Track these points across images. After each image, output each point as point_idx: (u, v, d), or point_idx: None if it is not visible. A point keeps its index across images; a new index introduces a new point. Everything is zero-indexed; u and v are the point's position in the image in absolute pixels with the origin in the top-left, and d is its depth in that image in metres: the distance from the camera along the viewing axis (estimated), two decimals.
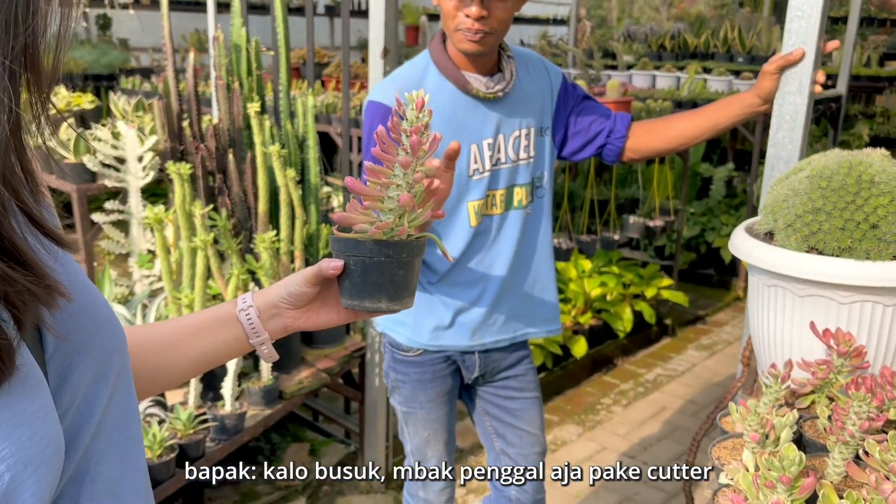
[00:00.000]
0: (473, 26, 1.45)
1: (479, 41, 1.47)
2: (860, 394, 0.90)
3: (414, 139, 0.77)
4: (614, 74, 5.78)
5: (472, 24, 1.45)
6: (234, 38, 2.44)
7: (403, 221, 0.79)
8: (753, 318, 1.34)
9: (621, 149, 1.68)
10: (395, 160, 0.79)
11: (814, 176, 1.21)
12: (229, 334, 0.86)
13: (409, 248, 0.79)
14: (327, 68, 5.16)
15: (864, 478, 0.85)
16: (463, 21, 1.46)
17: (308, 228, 2.38)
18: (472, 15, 1.44)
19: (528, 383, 1.78)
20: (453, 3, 1.47)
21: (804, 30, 1.45)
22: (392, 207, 0.79)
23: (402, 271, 0.80)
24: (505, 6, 1.46)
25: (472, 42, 1.48)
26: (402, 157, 0.78)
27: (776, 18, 7.76)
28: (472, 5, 1.44)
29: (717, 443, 1.06)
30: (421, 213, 0.81)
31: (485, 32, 1.47)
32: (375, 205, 0.80)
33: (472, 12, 1.44)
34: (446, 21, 1.50)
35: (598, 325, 3.77)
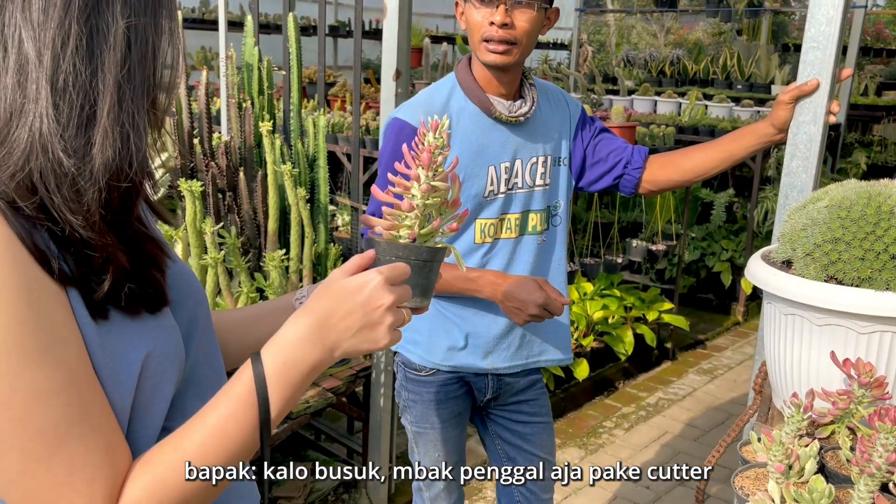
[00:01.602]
0: (497, 34, 1.47)
1: (503, 52, 1.50)
2: (887, 426, 0.90)
3: (425, 156, 0.86)
4: (616, 99, 5.83)
5: (497, 32, 1.47)
6: (246, 56, 2.46)
7: (414, 228, 0.86)
8: (769, 346, 1.34)
9: (638, 180, 1.70)
10: (410, 173, 0.88)
11: (833, 206, 1.22)
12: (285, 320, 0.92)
13: (417, 252, 0.85)
14: (332, 88, 5.19)
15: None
16: (487, 30, 1.49)
17: (317, 248, 2.38)
18: (497, 21, 1.47)
19: (541, 408, 1.78)
20: (479, 14, 1.50)
21: (819, 61, 1.47)
22: (407, 215, 0.87)
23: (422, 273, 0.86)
24: (528, 16, 1.49)
25: (496, 53, 1.50)
26: (415, 171, 0.87)
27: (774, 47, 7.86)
28: (497, 13, 1.47)
29: (740, 472, 1.06)
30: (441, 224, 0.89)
31: (509, 43, 1.49)
32: (394, 212, 0.88)
33: (496, 19, 1.47)
34: (473, 33, 1.53)
35: (600, 348, 3.76)
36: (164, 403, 0.76)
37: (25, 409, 0.63)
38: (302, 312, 0.77)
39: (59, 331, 0.65)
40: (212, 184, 2.27)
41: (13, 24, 0.63)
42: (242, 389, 0.73)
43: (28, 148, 0.64)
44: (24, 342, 0.63)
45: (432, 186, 0.86)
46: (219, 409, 0.73)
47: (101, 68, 0.65)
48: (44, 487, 0.65)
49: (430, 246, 0.87)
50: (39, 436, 0.64)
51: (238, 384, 0.74)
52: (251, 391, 0.73)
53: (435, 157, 0.87)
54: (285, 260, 2.20)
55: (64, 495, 0.66)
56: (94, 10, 0.64)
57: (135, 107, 0.67)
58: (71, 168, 0.64)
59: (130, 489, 0.70)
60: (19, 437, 0.64)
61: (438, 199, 0.87)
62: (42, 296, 0.64)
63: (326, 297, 0.77)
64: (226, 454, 0.72)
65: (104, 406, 0.69)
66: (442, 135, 0.87)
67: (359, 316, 0.76)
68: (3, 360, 0.62)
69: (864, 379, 1.09)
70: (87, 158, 0.65)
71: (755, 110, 5.29)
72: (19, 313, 0.63)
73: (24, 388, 0.63)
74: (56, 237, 0.66)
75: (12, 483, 0.65)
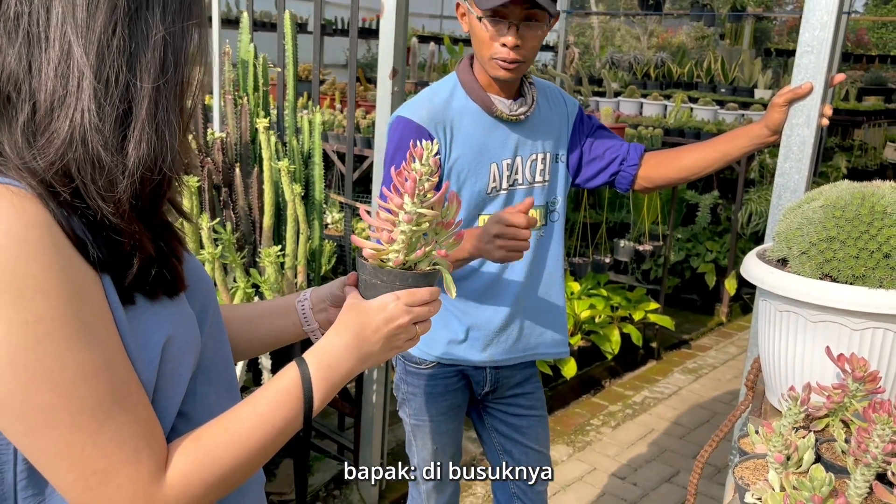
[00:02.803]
0: (509, 55, 1.50)
1: (512, 70, 1.53)
2: (883, 417, 0.93)
3: (409, 185, 0.88)
4: (602, 101, 5.88)
5: (508, 54, 1.50)
6: (241, 53, 2.46)
7: (399, 255, 0.89)
8: (763, 343, 1.37)
9: (634, 177, 1.73)
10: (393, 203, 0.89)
11: (828, 206, 1.25)
12: (288, 320, 1.05)
13: (402, 278, 0.89)
14: (322, 86, 5.19)
15: (891, 499, 0.88)
16: (498, 50, 1.51)
17: (311, 244, 2.39)
18: (509, 44, 1.49)
19: (536, 401, 1.81)
20: (489, 34, 1.51)
21: (813, 64, 1.51)
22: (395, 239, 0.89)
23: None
24: (536, 35, 1.52)
25: (505, 70, 1.53)
26: (397, 200, 0.89)
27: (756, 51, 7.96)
28: (509, 35, 1.49)
29: (740, 463, 1.09)
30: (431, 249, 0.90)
31: (518, 61, 1.51)
32: (380, 235, 0.90)
33: (508, 41, 1.49)
34: (480, 48, 1.55)
35: (587, 347, 3.80)
36: (182, 388, 0.80)
37: (74, 384, 0.67)
38: (341, 326, 0.88)
39: (98, 312, 0.69)
40: (207, 179, 2.27)
41: (58, 19, 0.66)
42: (289, 384, 0.82)
43: (68, 138, 0.67)
44: (71, 322, 0.67)
45: (419, 213, 0.87)
46: (267, 398, 0.82)
47: (140, 70, 0.69)
48: (92, 458, 0.69)
49: (417, 272, 0.90)
50: (88, 409, 0.68)
51: (284, 379, 0.83)
52: (297, 386, 0.82)
53: (421, 184, 0.87)
54: (281, 256, 2.20)
55: (112, 465, 0.70)
56: (135, 15, 0.69)
57: (169, 108, 0.71)
58: (108, 161, 0.68)
59: (179, 460, 0.75)
60: (69, 411, 0.67)
61: (427, 224, 0.89)
62: (82, 279, 0.68)
63: (357, 313, 0.88)
64: (268, 439, 0.80)
65: (139, 387, 0.74)
66: (429, 161, 0.88)
67: (384, 332, 0.88)
68: (53, 339, 0.66)
69: (858, 374, 1.13)
70: (122, 153, 0.69)
71: (739, 113, 5.36)
72: (65, 295, 0.66)
73: (72, 365, 0.67)
74: (88, 223, 0.69)
75: (60, 455, 0.68)
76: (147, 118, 0.69)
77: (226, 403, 0.88)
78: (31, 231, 0.65)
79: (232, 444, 0.77)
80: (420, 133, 1.55)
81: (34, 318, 0.65)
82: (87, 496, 0.70)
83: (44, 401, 0.66)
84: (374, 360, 0.89)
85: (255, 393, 0.83)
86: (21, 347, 0.64)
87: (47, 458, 0.68)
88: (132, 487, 0.71)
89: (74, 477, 0.69)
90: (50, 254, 0.65)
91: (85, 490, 0.69)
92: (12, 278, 0.63)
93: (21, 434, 0.67)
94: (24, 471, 0.72)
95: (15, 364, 0.65)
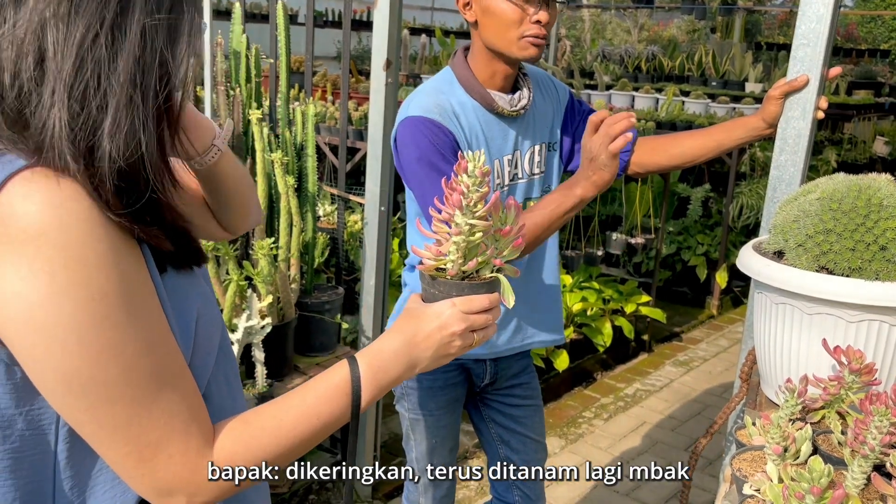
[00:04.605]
0: (542, 32, 1.48)
1: (540, 46, 1.50)
2: (881, 409, 0.94)
3: (455, 198, 0.87)
4: (594, 94, 5.88)
5: (541, 30, 1.47)
6: (233, 44, 2.44)
7: (454, 266, 0.89)
8: (759, 335, 1.38)
9: (626, 162, 1.72)
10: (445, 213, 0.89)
11: (824, 198, 1.25)
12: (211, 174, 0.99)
13: (458, 288, 0.89)
14: (314, 78, 5.16)
15: (889, 490, 0.88)
16: (531, 27, 1.47)
17: (304, 236, 2.38)
18: (544, 20, 1.47)
19: (532, 391, 1.82)
20: (520, 12, 1.46)
21: (809, 57, 1.51)
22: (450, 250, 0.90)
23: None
24: (555, 13, 1.51)
25: (537, 48, 1.49)
26: (445, 213, 0.89)
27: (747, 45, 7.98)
28: (542, 11, 1.46)
29: (737, 455, 1.09)
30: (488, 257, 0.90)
31: (545, 38, 1.50)
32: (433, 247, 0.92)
33: (542, 17, 1.46)
34: (507, 30, 1.48)
35: (579, 339, 3.81)
36: (210, 367, 0.83)
37: (135, 358, 0.70)
38: (395, 330, 0.89)
39: (148, 288, 0.72)
40: None
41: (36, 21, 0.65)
42: (339, 381, 0.84)
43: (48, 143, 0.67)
44: (130, 299, 0.69)
45: (471, 225, 0.87)
46: (317, 392, 0.84)
47: (112, 72, 0.67)
48: (147, 431, 0.72)
49: (475, 281, 0.90)
50: (146, 383, 0.71)
51: (335, 375, 0.85)
52: (346, 384, 0.84)
53: (468, 196, 0.87)
54: (274, 248, 2.19)
55: (164, 437, 0.72)
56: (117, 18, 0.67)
57: (145, 107, 0.69)
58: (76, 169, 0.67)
59: (227, 439, 0.78)
60: (129, 386, 0.70)
61: (481, 234, 0.88)
62: (132, 254, 0.71)
63: (411, 319, 0.89)
64: (312, 431, 0.83)
65: (184, 363, 0.76)
66: (475, 172, 0.86)
67: (436, 339, 0.88)
68: (116, 315, 0.68)
69: (855, 365, 1.13)
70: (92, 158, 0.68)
71: (731, 107, 5.37)
72: (122, 271, 0.69)
73: (133, 340, 0.69)
74: None
75: (118, 428, 0.70)
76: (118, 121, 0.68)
77: (232, 383, 0.91)
78: (92, 210, 0.66)
79: (278, 432, 0.80)
80: (437, 127, 1.49)
81: (99, 294, 0.66)
82: (140, 467, 0.72)
83: (108, 376, 0.68)
84: (425, 365, 0.90)
85: (305, 385, 0.85)
86: (89, 325, 0.66)
87: (105, 431, 0.70)
88: (182, 458, 0.73)
89: (129, 449, 0.71)
90: (105, 231, 0.67)
91: (139, 462, 0.72)
92: (80, 257, 0.65)
93: (82, 409, 0.69)
94: (66, 450, 0.74)
95: (83, 341, 0.66)
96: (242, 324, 2.02)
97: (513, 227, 0.93)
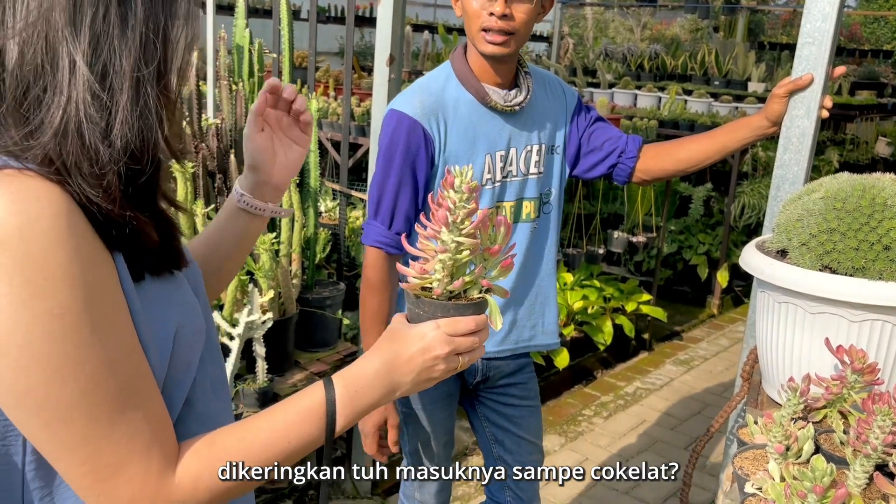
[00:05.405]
0: (497, 25, 1.47)
1: (502, 43, 1.50)
2: (884, 408, 0.94)
3: (441, 214, 0.83)
4: (596, 92, 5.87)
5: (496, 23, 1.47)
6: (236, 39, 2.44)
7: (440, 285, 0.85)
8: (761, 334, 1.37)
9: (632, 169, 1.72)
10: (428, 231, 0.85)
11: (828, 197, 1.25)
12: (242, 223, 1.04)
13: (443, 309, 0.84)
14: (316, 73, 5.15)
15: (892, 490, 0.88)
16: (487, 20, 1.48)
17: (306, 232, 2.38)
18: (497, 12, 1.47)
19: (529, 391, 1.81)
20: (478, 3, 1.49)
21: (814, 56, 1.51)
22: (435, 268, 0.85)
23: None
24: (526, 8, 1.49)
25: (494, 44, 1.50)
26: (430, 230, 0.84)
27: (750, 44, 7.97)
28: (497, 4, 1.47)
29: (739, 453, 1.09)
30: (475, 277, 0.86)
31: (507, 33, 1.49)
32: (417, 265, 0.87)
33: (496, 10, 1.47)
34: (471, 23, 1.52)
35: (580, 337, 3.81)
36: (191, 376, 0.80)
37: (95, 377, 0.66)
38: (375, 352, 0.84)
39: (116, 301, 0.69)
40: (202, 166, 2.25)
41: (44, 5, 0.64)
42: (312, 405, 0.80)
43: (62, 129, 0.65)
44: (93, 313, 0.66)
45: (457, 243, 0.83)
46: (287, 414, 0.79)
47: (123, 55, 0.66)
48: (106, 452, 0.68)
49: (461, 302, 0.85)
50: (105, 402, 0.67)
51: (308, 398, 0.80)
52: (321, 407, 0.79)
53: (454, 213, 0.83)
54: (276, 243, 2.19)
55: (124, 458, 0.69)
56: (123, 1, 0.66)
57: (151, 92, 0.68)
58: (102, 152, 0.66)
59: (191, 461, 0.74)
60: (88, 405, 0.66)
61: (468, 253, 0.84)
62: (101, 266, 0.67)
63: (394, 340, 0.84)
64: (281, 455, 0.78)
65: (152, 380, 0.73)
66: (462, 188, 0.82)
67: (418, 362, 0.83)
68: (77, 331, 0.65)
69: (858, 365, 1.13)
70: (106, 142, 0.67)
71: (733, 106, 5.37)
72: (87, 284, 0.65)
73: (94, 358, 0.66)
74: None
75: (75, 449, 0.67)
76: (129, 105, 0.67)
77: (219, 392, 0.88)
78: (59, 218, 0.63)
79: (244, 454, 0.76)
80: (413, 128, 1.53)
81: (60, 309, 0.63)
82: (97, 487, 0.69)
83: (65, 395, 0.65)
84: (406, 389, 0.85)
85: (276, 406, 0.81)
86: (47, 340, 0.63)
87: (62, 450, 0.67)
88: (141, 481, 0.70)
89: (86, 469, 0.68)
90: (74, 241, 0.64)
91: (95, 482, 0.69)
92: (41, 267, 0.62)
93: (38, 427, 0.66)
94: (33, 462, 0.71)
95: (40, 357, 0.63)
96: (243, 318, 2.02)
97: (502, 246, 0.88)
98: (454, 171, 0.83)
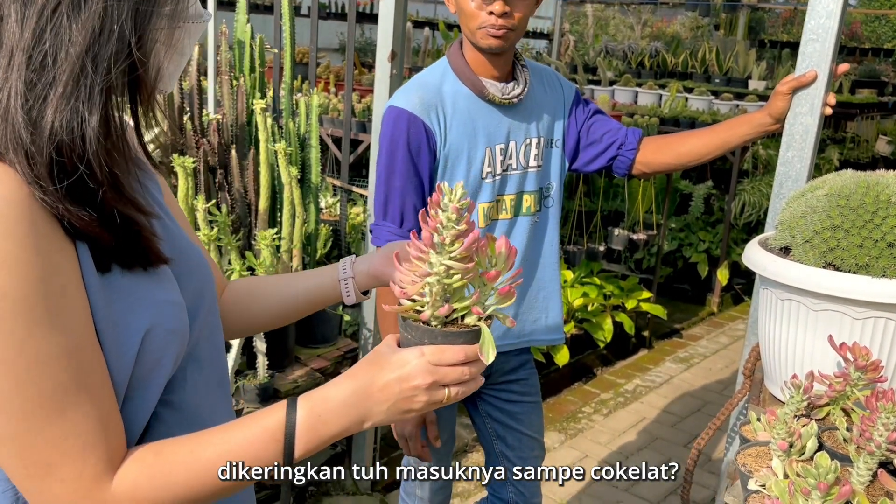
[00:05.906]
0: (497, 22, 1.48)
1: (501, 37, 1.50)
2: (888, 405, 0.93)
3: (426, 236, 0.77)
4: (597, 89, 5.86)
5: (496, 21, 1.48)
6: (238, 34, 2.43)
7: (429, 308, 0.78)
8: (763, 331, 1.37)
9: (632, 161, 1.72)
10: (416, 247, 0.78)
11: (832, 194, 1.25)
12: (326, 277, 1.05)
13: (430, 335, 0.77)
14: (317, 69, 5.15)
15: (895, 486, 0.88)
16: (486, 19, 1.49)
17: (307, 227, 2.38)
18: (497, 12, 1.47)
19: (530, 388, 1.81)
20: (475, 4, 1.49)
21: (818, 53, 1.50)
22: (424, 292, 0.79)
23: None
24: (526, 3, 1.50)
25: (494, 38, 1.50)
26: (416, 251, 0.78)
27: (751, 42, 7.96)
28: (496, 2, 1.47)
29: (742, 450, 1.09)
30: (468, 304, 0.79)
31: (507, 29, 1.50)
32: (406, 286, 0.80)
33: (496, 9, 1.47)
34: (468, 21, 1.53)
35: (580, 335, 3.81)
36: (163, 379, 0.76)
37: (29, 371, 0.63)
38: (349, 376, 0.78)
39: (70, 295, 0.66)
40: (203, 161, 2.24)
41: None
42: (272, 425, 0.74)
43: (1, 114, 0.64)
44: (37, 305, 0.63)
45: (447, 266, 0.75)
46: (244, 432, 0.74)
47: (69, 45, 0.64)
48: (37, 450, 0.66)
49: (450, 329, 0.78)
50: (39, 399, 0.64)
51: (270, 417, 0.75)
52: (279, 429, 0.74)
53: (441, 234, 0.75)
54: (277, 239, 2.19)
55: (56, 459, 0.66)
56: None
57: (94, 84, 0.65)
58: (27, 141, 0.63)
59: (132, 468, 0.70)
60: (20, 399, 0.64)
61: (459, 277, 0.76)
62: (58, 257, 0.65)
63: (371, 365, 0.78)
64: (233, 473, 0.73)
65: (105, 379, 0.69)
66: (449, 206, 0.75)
67: (395, 391, 0.76)
68: (14, 321, 0.62)
69: (861, 362, 1.13)
70: (32, 130, 0.64)
71: (734, 104, 5.36)
72: (35, 275, 0.63)
73: (30, 351, 0.63)
74: None
75: (6, 440, 0.65)
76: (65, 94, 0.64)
77: (214, 395, 0.86)
78: (10, 207, 0.61)
79: (192, 468, 0.71)
80: (414, 123, 1.53)
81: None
82: (28, 483, 0.67)
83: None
84: (379, 420, 0.77)
85: (234, 422, 0.76)
86: None
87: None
88: (74, 484, 0.67)
89: (17, 463, 0.66)
90: (25, 229, 0.62)
91: (26, 477, 0.66)
92: None
93: None
94: None
95: None
96: None
97: (501, 271, 0.80)
98: (444, 188, 0.76)
